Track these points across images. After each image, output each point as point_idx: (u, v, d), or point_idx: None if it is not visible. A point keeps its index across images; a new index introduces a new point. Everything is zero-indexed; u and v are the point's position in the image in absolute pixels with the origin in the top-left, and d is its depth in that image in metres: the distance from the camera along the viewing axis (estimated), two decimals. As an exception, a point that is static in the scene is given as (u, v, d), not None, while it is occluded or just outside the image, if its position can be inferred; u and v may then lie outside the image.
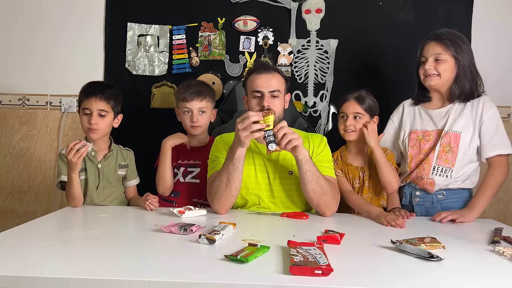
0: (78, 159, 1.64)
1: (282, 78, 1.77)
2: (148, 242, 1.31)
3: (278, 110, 1.72)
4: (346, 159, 1.92)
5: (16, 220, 2.47)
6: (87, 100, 1.80)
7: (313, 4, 2.38)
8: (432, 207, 1.85)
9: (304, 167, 1.61)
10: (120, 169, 1.88)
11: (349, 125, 1.85)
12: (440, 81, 1.81)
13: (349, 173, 1.89)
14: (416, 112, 1.92)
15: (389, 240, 1.29)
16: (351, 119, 1.85)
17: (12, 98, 2.49)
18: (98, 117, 1.79)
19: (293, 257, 1.09)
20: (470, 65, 1.81)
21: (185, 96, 1.93)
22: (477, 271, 1.13)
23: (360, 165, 1.90)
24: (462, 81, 1.80)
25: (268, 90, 1.71)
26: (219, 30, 2.40)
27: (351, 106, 1.86)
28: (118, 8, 2.43)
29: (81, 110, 1.82)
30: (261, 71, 1.74)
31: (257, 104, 1.72)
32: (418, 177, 1.86)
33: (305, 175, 1.62)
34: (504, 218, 2.40)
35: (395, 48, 2.34)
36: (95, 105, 1.78)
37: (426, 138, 1.86)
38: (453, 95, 1.82)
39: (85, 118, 1.80)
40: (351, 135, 1.86)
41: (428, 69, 1.80)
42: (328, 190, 1.64)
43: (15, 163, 2.51)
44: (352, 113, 1.86)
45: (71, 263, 1.11)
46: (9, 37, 2.47)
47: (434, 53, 1.79)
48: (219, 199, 1.65)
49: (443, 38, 1.79)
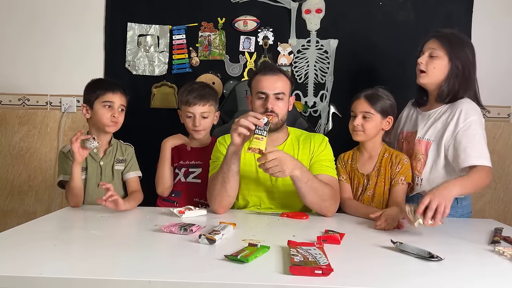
0: (82, 151, 1.68)
1: (287, 80, 1.77)
2: (148, 242, 1.31)
3: (281, 112, 1.72)
4: (356, 163, 1.83)
5: (16, 220, 2.47)
6: (109, 94, 1.81)
7: (313, 4, 2.38)
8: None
9: (299, 184, 1.59)
10: (117, 164, 1.86)
11: (357, 125, 1.77)
12: (428, 79, 1.76)
13: (354, 179, 1.82)
14: (411, 112, 1.91)
15: (389, 240, 1.29)
16: (359, 118, 1.77)
17: (12, 98, 2.49)
18: (119, 111, 1.83)
19: (293, 257, 1.09)
20: (465, 68, 1.72)
21: (188, 100, 1.91)
22: (477, 271, 1.13)
23: (366, 171, 1.80)
24: (452, 81, 1.72)
25: (273, 92, 1.71)
26: (219, 30, 2.40)
27: (361, 104, 1.78)
28: (118, 8, 2.43)
29: (102, 103, 1.81)
30: (267, 72, 1.74)
31: (261, 106, 1.72)
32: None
33: (301, 190, 1.61)
34: (504, 218, 2.40)
35: (395, 48, 2.34)
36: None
37: (406, 141, 1.84)
38: (441, 94, 1.75)
39: (105, 111, 1.79)
40: (358, 135, 1.79)
41: (419, 62, 1.76)
42: (327, 196, 1.64)
43: (15, 163, 2.51)
44: (361, 112, 1.77)
45: (71, 263, 1.11)
46: (9, 37, 2.47)
47: (429, 48, 1.76)
48: (216, 198, 1.66)
49: (442, 36, 1.76)
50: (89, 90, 1.86)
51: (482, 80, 1.88)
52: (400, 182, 1.75)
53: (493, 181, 2.37)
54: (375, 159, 1.80)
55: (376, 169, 1.79)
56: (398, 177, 1.75)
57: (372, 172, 1.79)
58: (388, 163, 1.78)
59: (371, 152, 1.83)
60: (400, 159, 1.77)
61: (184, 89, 1.98)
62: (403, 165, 1.76)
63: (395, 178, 1.75)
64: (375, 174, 1.78)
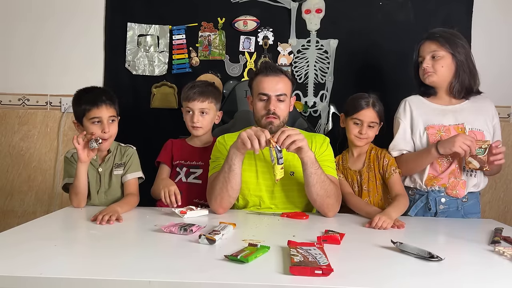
0: (88, 151, 1.67)
1: (288, 81, 1.76)
2: (148, 242, 1.31)
3: (283, 114, 1.72)
4: (347, 162, 1.91)
5: (16, 220, 2.47)
6: (94, 110, 1.74)
7: (313, 4, 2.38)
8: (455, 212, 1.80)
9: (309, 170, 1.59)
10: (116, 169, 1.82)
11: (364, 134, 1.83)
12: (438, 77, 1.82)
13: (348, 177, 1.89)
14: (427, 107, 1.88)
15: (389, 240, 1.29)
16: (366, 127, 1.83)
17: (12, 98, 2.49)
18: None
19: (293, 257, 1.09)
20: (467, 59, 1.82)
21: (188, 95, 1.92)
22: (477, 271, 1.13)
23: (357, 168, 1.88)
24: (462, 76, 1.82)
25: (275, 93, 1.70)
26: (219, 30, 2.40)
27: (369, 114, 1.83)
28: (118, 8, 2.43)
29: (90, 120, 1.74)
30: (269, 73, 1.73)
31: (263, 108, 1.71)
32: (450, 179, 1.79)
33: (309, 177, 1.60)
34: (504, 218, 2.40)
35: (395, 48, 2.34)
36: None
37: (446, 134, 1.79)
38: (454, 90, 1.84)
39: (95, 128, 1.73)
40: (362, 142, 1.86)
41: (425, 67, 1.82)
42: (332, 193, 1.64)
43: (15, 163, 2.51)
44: (368, 122, 1.83)
45: (71, 263, 1.11)
46: (9, 37, 2.47)
47: (429, 51, 1.81)
48: (216, 198, 1.65)
49: (437, 36, 1.82)
50: (75, 105, 1.79)
51: (482, 80, 1.90)
52: (393, 172, 1.82)
53: (493, 181, 2.37)
54: (364, 156, 1.90)
55: (366, 165, 1.87)
56: (390, 169, 1.83)
57: (363, 167, 1.87)
58: (375, 159, 1.87)
59: (359, 152, 1.91)
60: (385, 154, 1.87)
61: (186, 86, 1.98)
62: (389, 158, 1.86)
63: (387, 170, 1.83)
64: (366, 169, 1.87)
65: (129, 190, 1.81)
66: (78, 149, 1.67)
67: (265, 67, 1.78)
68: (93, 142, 1.68)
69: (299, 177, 1.70)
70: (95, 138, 1.68)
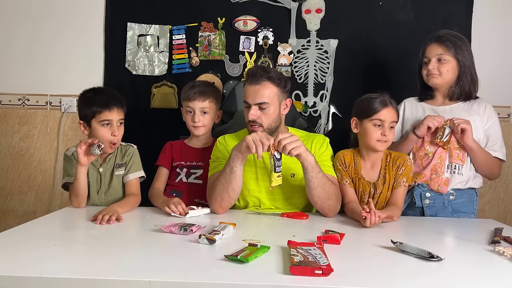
0: (88, 156, 1.66)
1: (274, 86, 1.70)
2: (148, 242, 1.31)
3: (266, 121, 1.71)
4: (359, 169, 1.76)
5: (16, 220, 2.47)
6: (105, 112, 1.73)
7: (313, 4, 2.38)
8: (442, 208, 1.82)
9: (310, 174, 1.59)
10: (117, 169, 1.81)
11: (388, 135, 1.70)
12: (442, 80, 1.84)
13: (359, 186, 1.75)
14: (420, 108, 1.92)
15: (389, 240, 1.29)
16: (388, 128, 1.70)
17: (12, 98, 2.49)
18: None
19: (293, 257, 1.09)
20: (471, 65, 1.85)
21: (189, 95, 1.93)
22: (477, 271, 1.13)
23: (372, 180, 1.75)
24: (463, 82, 1.84)
25: (254, 103, 1.69)
26: (219, 30, 2.40)
27: (389, 113, 1.71)
28: (118, 8, 2.43)
29: (100, 122, 1.74)
30: (251, 81, 1.70)
31: (247, 115, 1.72)
32: (432, 176, 1.82)
33: (310, 181, 1.60)
34: (504, 218, 2.40)
35: (395, 48, 2.34)
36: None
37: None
38: (453, 94, 1.86)
39: (104, 131, 1.73)
40: (384, 145, 1.71)
41: (431, 69, 1.84)
42: (332, 195, 1.64)
43: (15, 163, 2.51)
44: (390, 122, 1.71)
45: (71, 263, 1.11)
46: (9, 37, 2.47)
47: (436, 54, 1.83)
48: (217, 199, 1.65)
49: (444, 39, 1.83)
50: (84, 105, 1.77)
51: (481, 80, 1.90)
52: (402, 184, 1.72)
53: (493, 181, 2.37)
54: (379, 166, 1.76)
55: (382, 177, 1.74)
56: (401, 179, 1.72)
57: (378, 180, 1.74)
58: (391, 168, 1.74)
59: (375, 160, 1.77)
60: (404, 161, 1.74)
61: (186, 86, 1.99)
62: (406, 166, 1.73)
63: (397, 180, 1.72)
64: (381, 181, 1.74)
65: (131, 190, 1.80)
66: (79, 153, 1.66)
67: (249, 74, 1.74)
68: (95, 149, 1.65)
69: (299, 179, 1.71)
70: (97, 144, 1.65)
